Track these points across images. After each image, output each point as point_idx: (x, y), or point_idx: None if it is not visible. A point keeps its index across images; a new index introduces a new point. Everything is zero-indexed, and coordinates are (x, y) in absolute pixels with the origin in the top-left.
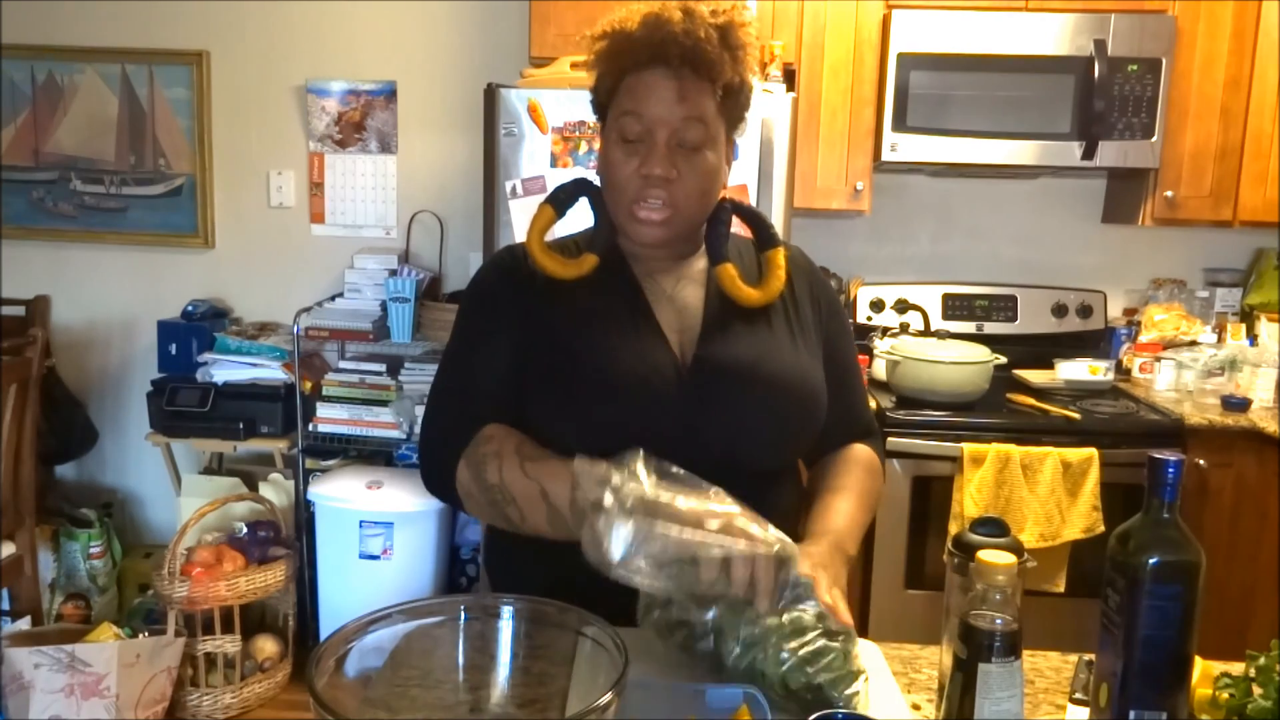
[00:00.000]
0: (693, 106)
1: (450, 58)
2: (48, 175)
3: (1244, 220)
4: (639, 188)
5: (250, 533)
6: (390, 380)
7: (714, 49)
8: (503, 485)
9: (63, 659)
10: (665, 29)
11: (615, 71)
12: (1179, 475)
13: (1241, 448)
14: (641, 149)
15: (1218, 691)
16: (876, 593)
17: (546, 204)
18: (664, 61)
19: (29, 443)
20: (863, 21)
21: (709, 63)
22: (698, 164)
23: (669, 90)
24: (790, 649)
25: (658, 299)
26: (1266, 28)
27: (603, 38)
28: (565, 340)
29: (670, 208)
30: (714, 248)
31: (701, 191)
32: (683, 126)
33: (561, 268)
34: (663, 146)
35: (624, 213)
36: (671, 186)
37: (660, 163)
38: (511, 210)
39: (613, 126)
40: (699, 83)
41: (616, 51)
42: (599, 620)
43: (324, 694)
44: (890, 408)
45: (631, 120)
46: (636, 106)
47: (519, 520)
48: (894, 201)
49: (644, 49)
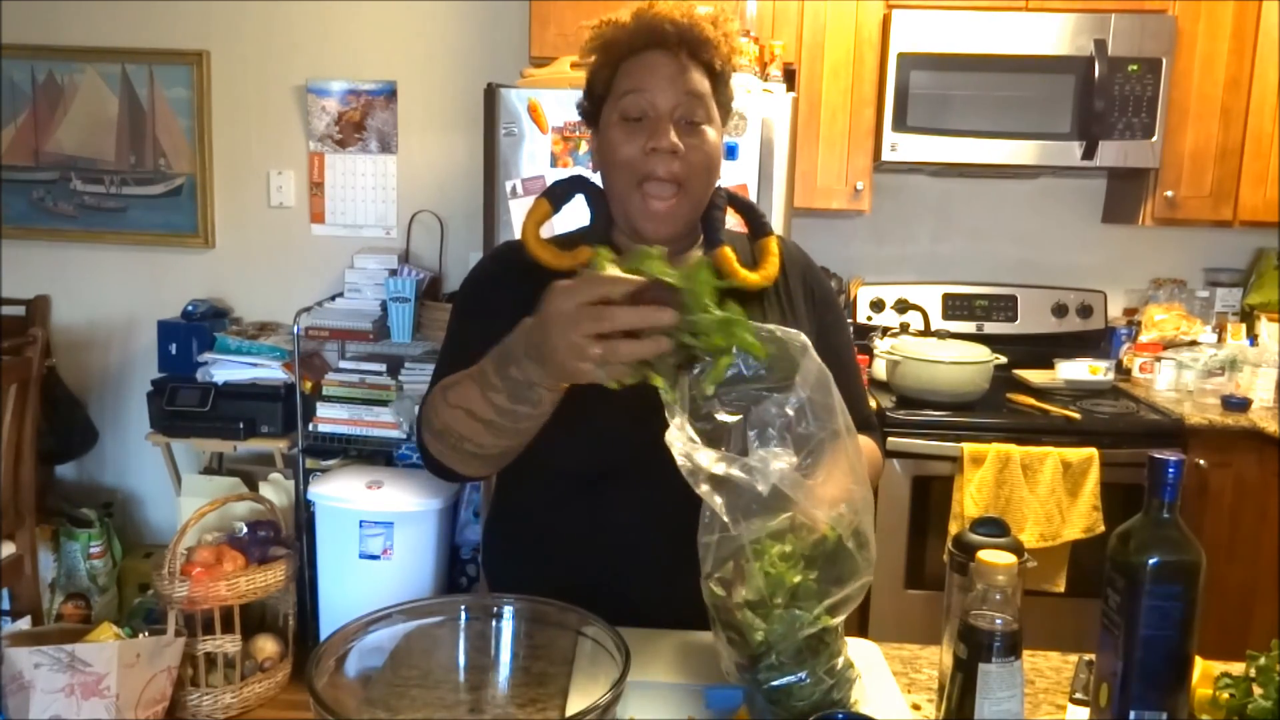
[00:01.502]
0: (693, 84)
1: (450, 58)
2: (48, 175)
3: (1244, 220)
4: (647, 163)
5: (250, 533)
6: (390, 380)
7: (706, 32)
8: (446, 428)
9: (63, 659)
10: (659, 15)
11: (613, 59)
12: (1179, 475)
13: (1241, 448)
14: (645, 126)
15: (1218, 691)
16: (876, 593)
17: (543, 198)
18: (661, 43)
19: (29, 443)
20: (863, 21)
21: (705, 42)
22: (702, 139)
23: (668, 68)
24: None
25: None
26: (1266, 28)
27: (597, 30)
28: None
29: (678, 186)
30: (710, 232)
31: (706, 168)
32: (686, 102)
33: (556, 258)
34: (668, 120)
35: (631, 199)
36: (678, 161)
37: (666, 136)
38: (511, 210)
39: (612, 109)
40: (696, 63)
41: (613, 39)
42: (599, 620)
43: (324, 694)
44: (890, 408)
45: (634, 98)
46: (638, 84)
47: (479, 449)
48: (894, 201)
49: (640, 33)
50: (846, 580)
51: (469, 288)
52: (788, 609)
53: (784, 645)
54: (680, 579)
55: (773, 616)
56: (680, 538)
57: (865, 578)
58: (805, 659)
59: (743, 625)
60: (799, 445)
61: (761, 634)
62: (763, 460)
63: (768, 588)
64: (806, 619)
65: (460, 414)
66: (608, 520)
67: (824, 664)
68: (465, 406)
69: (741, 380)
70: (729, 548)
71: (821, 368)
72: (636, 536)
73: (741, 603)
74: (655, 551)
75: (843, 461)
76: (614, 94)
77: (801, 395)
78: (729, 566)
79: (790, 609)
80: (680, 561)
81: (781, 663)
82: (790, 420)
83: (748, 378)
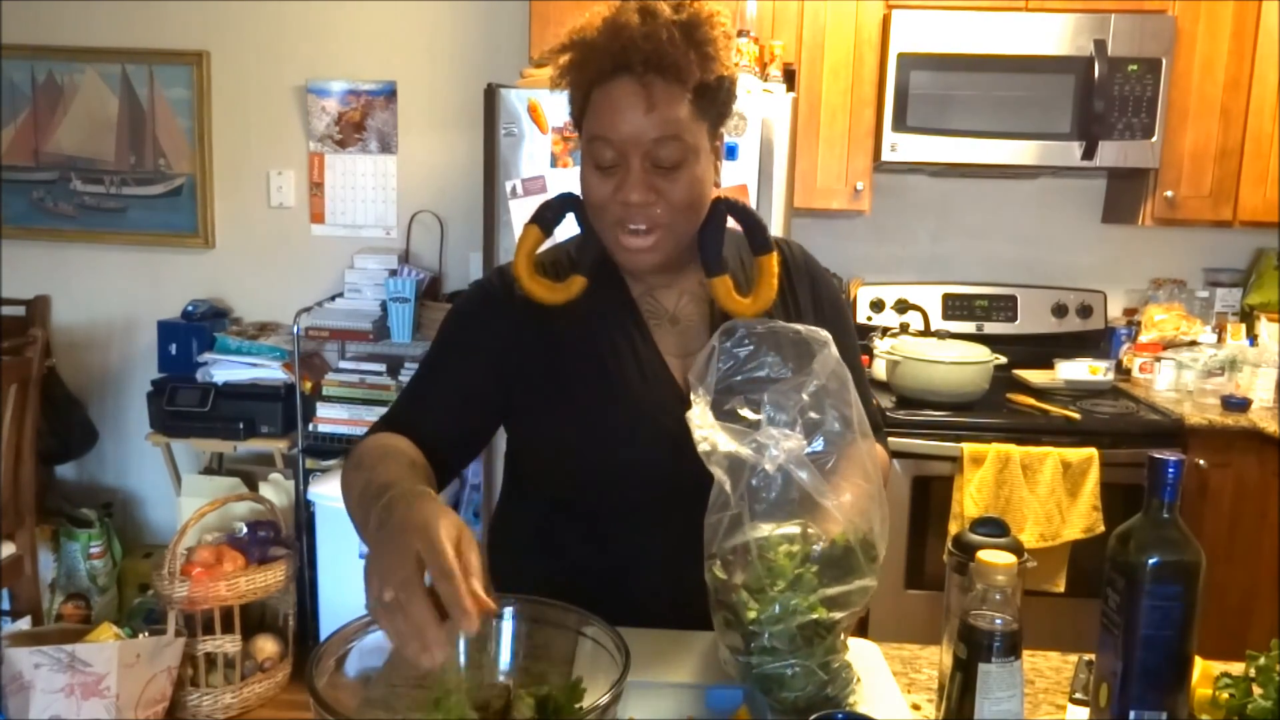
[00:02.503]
0: (664, 118)
1: (450, 58)
2: (48, 175)
3: (1244, 220)
4: (619, 212)
5: (250, 533)
6: (390, 380)
7: (678, 50)
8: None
9: (63, 659)
10: (625, 34)
11: (582, 84)
12: (1179, 475)
13: (1241, 448)
14: (617, 174)
15: (1218, 691)
16: (877, 593)
17: (532, 224)
18: (627, 69)
19: (29, 443)
20: (863, 21)
21: (673, 66)
22: (678, 181)
23: (636, 102)
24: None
25: (658, 320)
26: (1266, 28)
27: (566, 49)
28: (563, 377)
29: (655, 227)
30: (709, 258)
31: (687, 205)
32: (655, 147)
33: (550, 293)
34: (639, 170)
35: (609, 238)
36: (652, 209)
37: (636, 188)
38: (511, 210)
39: (587, 150)
40: (668, 88)
41: (580, 63)
42: (599, 620)
43: (324, 694)
44: (890, 408)
45: (602, 146)
46: (605, 130)
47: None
48: (894, 201)
49: (606, 58)
50: (847, 578)
51: (455, 319)
52: (783, 594)
53: (777, 629)
54: (682, 579)
55: (767, 599)
56: (681, 538)
57: (867, 579)
58: (798, 646)
59: (737, 604)
60: (810, 430)
61: (754, 613)
62: (773, 439)
63: (767, 576)
64: (801, 604)
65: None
66: (609, 520)
67: (819, 657)
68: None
69: (770, 381)
70: (735, 537)
71: (839, 362)
72: (637, 536)
73: (739, 584)
74: (656, 551)
75: (857, 467)
76: (586, 128)
77: (819, 381)
78: (732, 551)
79: (785, 594)
80: (682, 562)
81: (773, 647)
82: (804, 404)
83: (773, 379)
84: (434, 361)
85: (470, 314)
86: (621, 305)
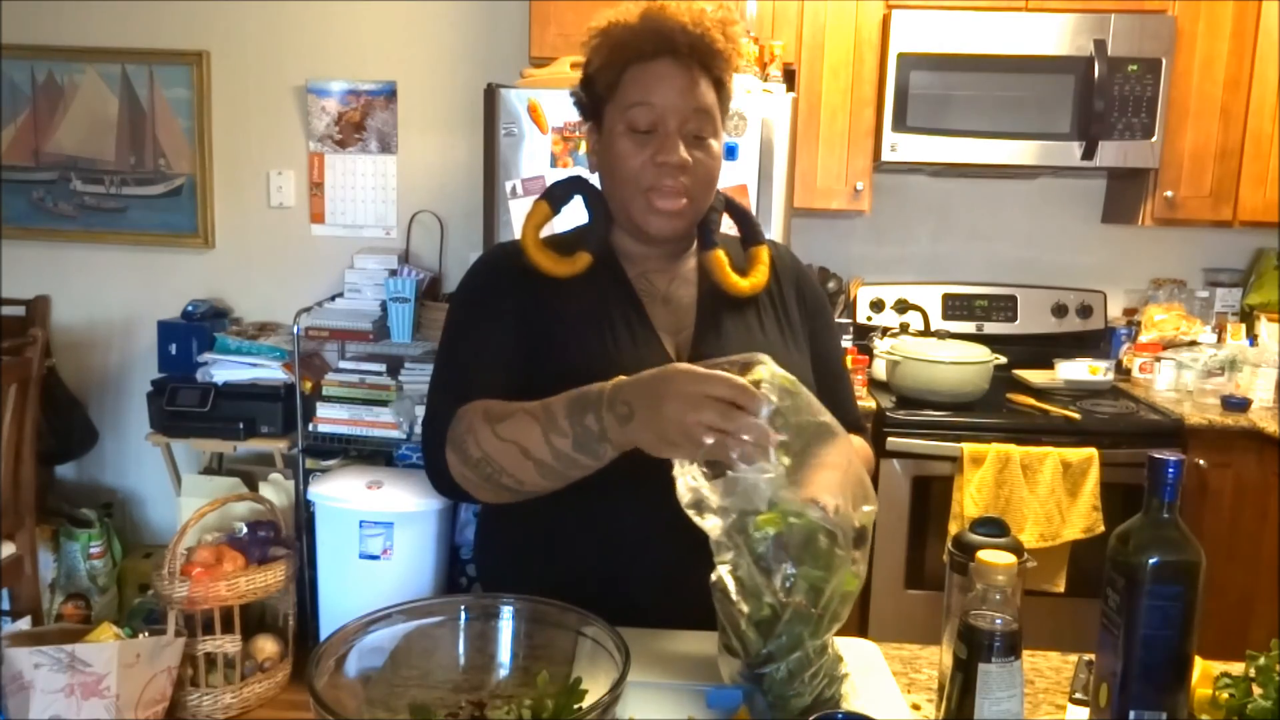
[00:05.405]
0: (700, 97)
1: (450, 58)
2: (48, 175)
3: (1244, 220)
4: (654, 176)
5: (250, 533)
6: (390, 380)
7: (716, 43)
8: (486, 458)
9: (63, 659)
10: (669, 21)
11: (618, 63)
12: (1179, 475)
13: (1241, 448)
14: (654, 139)
15: (1218, 691)
16: (876, 593)
17: (542, 200)
18: (671, 51)
19: (29, 443)
20: (863, 21)
21: (715, 53)
22: (707, 153)
23: (678, 79)
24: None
25: (652, 300)
26: (1266, 28)
27: (603, 30)
28: (560, 345)
29: (685, 197)
30: (706, 234)
31: (709, 181)
32: (695, 117)
33: (555, 265)
34: (676, 135)
35: (638, 205)
36: (686, 173)
37: (676, 150)
38: (511, 210)
39: (618, 119)
40: (704, 74)
41: (620, 43)
42: (599, 620)
43: (324, 694)
44: (890, 408)
45: (642, 110)
46: (646, 96)
47: (517, 485)
48: (894, 201)
49: (650, 39)
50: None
51: (465, 295)
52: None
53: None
54: (681, 579)
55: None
56: (681, 538)
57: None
58: (806, 668)
59: (745, 638)
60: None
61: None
62: (752, 480)
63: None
64: (814, 645)
65: (512, 449)
66: (608, 520)
67: (824, 670)
68: (519, 443)
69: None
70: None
71: (783, 374)
72: (637, 536)
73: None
74: (656, 551)
75: (835, 453)
76: (619, 101)
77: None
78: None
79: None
80: (681, 562)
81: (790, 672)
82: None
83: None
84: (462, 332)
85: (483, 284)
86: (619, 284)
